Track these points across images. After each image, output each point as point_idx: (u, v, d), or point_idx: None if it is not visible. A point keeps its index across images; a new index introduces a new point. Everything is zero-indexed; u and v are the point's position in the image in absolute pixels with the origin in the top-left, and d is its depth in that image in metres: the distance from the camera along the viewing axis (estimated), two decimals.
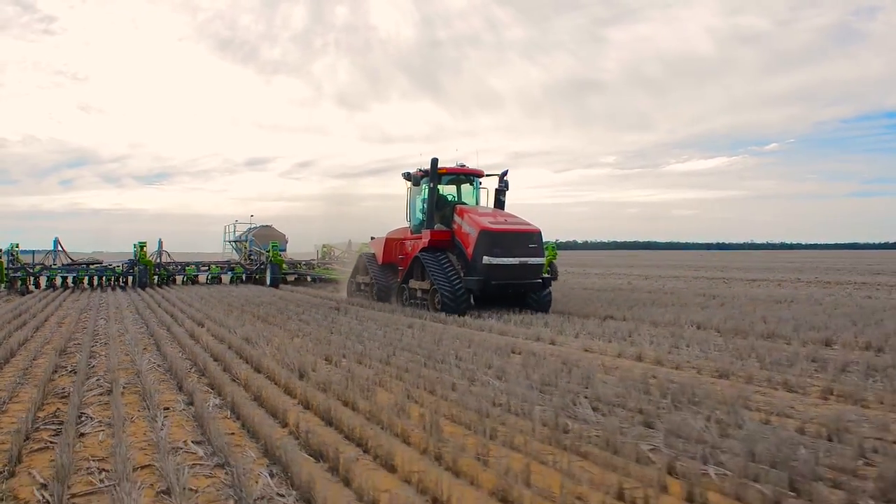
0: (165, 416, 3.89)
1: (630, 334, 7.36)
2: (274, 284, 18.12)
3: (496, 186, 12.34)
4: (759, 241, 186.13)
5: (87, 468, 3.00)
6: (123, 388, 4.67)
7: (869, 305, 10.89)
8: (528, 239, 10.47)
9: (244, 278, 19.66)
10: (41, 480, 2.82)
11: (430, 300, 10.67)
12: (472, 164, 12.31)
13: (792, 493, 2.64)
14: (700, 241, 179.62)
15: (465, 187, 12.37)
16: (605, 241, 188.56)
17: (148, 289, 16.30)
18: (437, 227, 11.25)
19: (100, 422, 3.79)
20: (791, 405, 4.16)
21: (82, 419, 3.85)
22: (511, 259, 10.14)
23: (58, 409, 4.10)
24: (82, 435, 3.55)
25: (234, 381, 4.99)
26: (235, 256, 29.46)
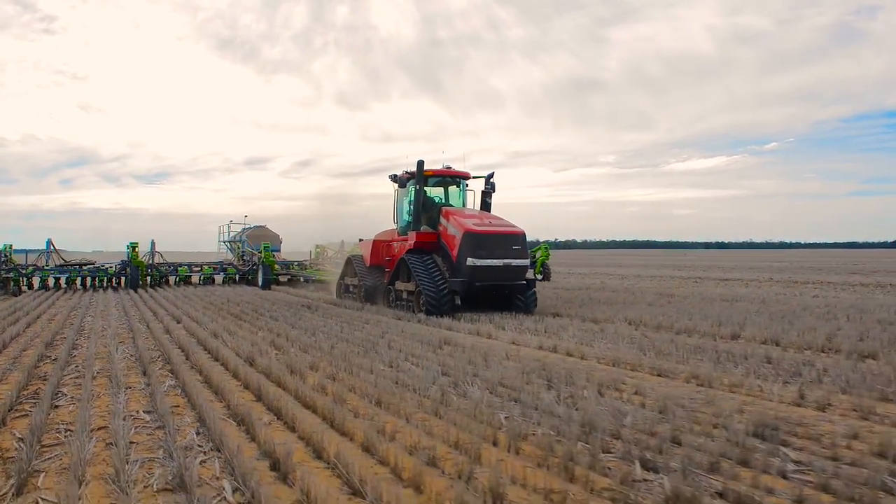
0: (126, 394, 4.74)
1: (560, 329, 8.19)
2: (265, 285, 18.14)
3: (482, 188, 12.45)
4: (758, 240, 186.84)
5: (56, 428, 3.85)
6: (97, 373, 5.52)
7: (809, 304, 11.68)
8: (512, 241, 10.56)
9: (237, 279, 19.81)
10: (19, 436, 3.66)
11: (416, 301, 10.74)
12: (459, 167, 12.44)
13: (588, 445, 3.47)
14: (699, 241, 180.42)
15: (453, 189, 12.49)
16: (605, 240, 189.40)
17: (139, 290, 16.87)
18: (424, 228, 11.34)
19: (72, 397, 4.63)
20: (652, 387, 4.98)
21: (58, 396, 4.70)
22: (495, 261, 10.26)
23: (38, 388, 4.94)
24: (56, 406, 4.40)
25: (193, 367, 5.84)
26: (230, 257, 29.97)
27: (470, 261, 10.17)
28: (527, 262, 10.93)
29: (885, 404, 4.42)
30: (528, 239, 11.06)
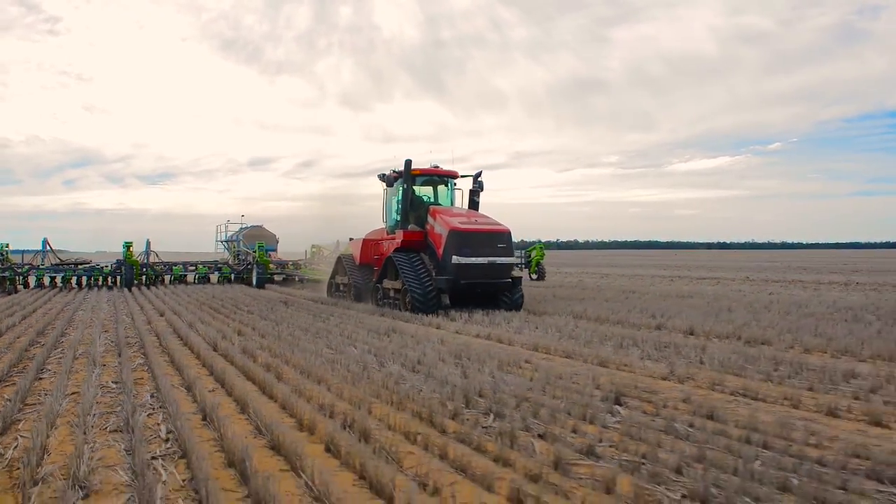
0: (101, 370, 5.62)
1: (504, 321, 9.04)
2: (260, 284, 18.28)
3: (470, 187, 12.57)
4: (759, 240, 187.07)
5: (38, 393, 4.73)
6: (79, 354, 6.40)
7: (755, 300, 12.47)
8: (497, 239, 10.68)
9: (232, 278, 20.02)
10: (7, 398, 4.54)
11: (402, 300, 10.87)
12: (448, 167, 12.56)
13: (458, 403, 4.32)
14: (701, 241, 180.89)
15: (441, 188, 12.61)
16: (606, 240, 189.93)
17: (133, 289, 17.34)
18: (411, 227, 11.43)
19: (54, 372, 5.51)
20: (551, 366, 5.83)
21: (42, 371, 5.58)
22: (480, 259, 10.38)
23: (26, 365, 5.82)
24: (40, 378, 5.28)
25: (163, 351, 6.72)
26: (228, 257, 30.65)
27: (455, 259, 10.27)
28: (512, 259, 11.09)
29: (736, 378, 5.25)
30: (526, 239, 11.68)
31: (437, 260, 10.72)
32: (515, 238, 11.70)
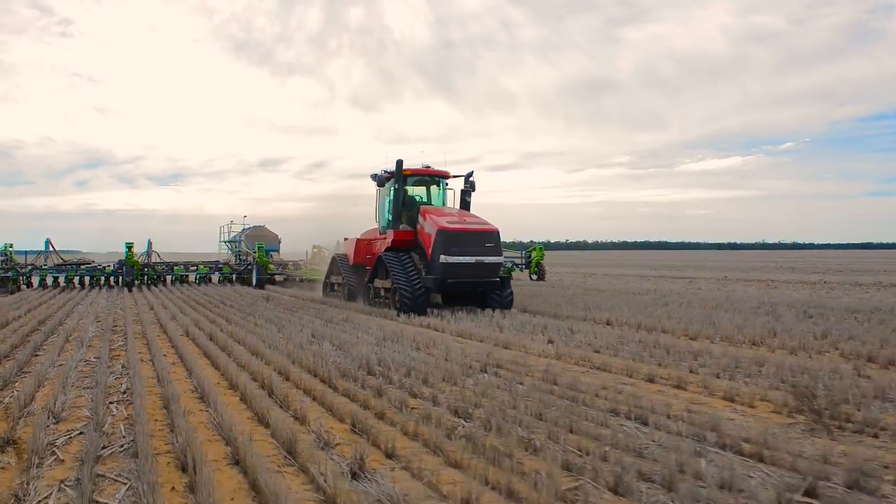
0: (87, 350, 6.84)
1: (450, 314, 10.18)
2: (259, 285, 18.43)
3: (462, 188, 12.74)
4: (770, 240, 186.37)
5: (33, 364, 5.96)
6: (71, 338, 7.64)
7: (699, 297, 13.49)
8: (485, 238, 10.82)
9: (234, 279, 20.12)
10: (8, 368, 5.76)
11: (392, 299, 11.02)
12: (440, 167, 12.71)
13: (368, 374, 5.48)
14: (711, 242, 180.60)
15: (434, 189, 12.76)
16: (616, 241, 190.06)
17: (133, 288, 17.77)
18: (403, 227, 11.63)
19: (48, 350, 6.75)
20: (460, 347, 6.96)
21: (38, 350, 6.82)
22: (467, 258, 10.54)
23: (26, 345, 7.07)
24: (36, 355, 6.52)
25: (143, 336, 7.94)
26: (231, 257, 31.70)
27: (443, 258, 10.43)
28: (500, 259, 11.16)
29: (602, 356, 6.35)
30: (535, 240, 12.36)
31: (426, 259, 10.88)
32: (524, 238, 12.62)
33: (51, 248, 20.12)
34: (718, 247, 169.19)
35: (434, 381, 5.10)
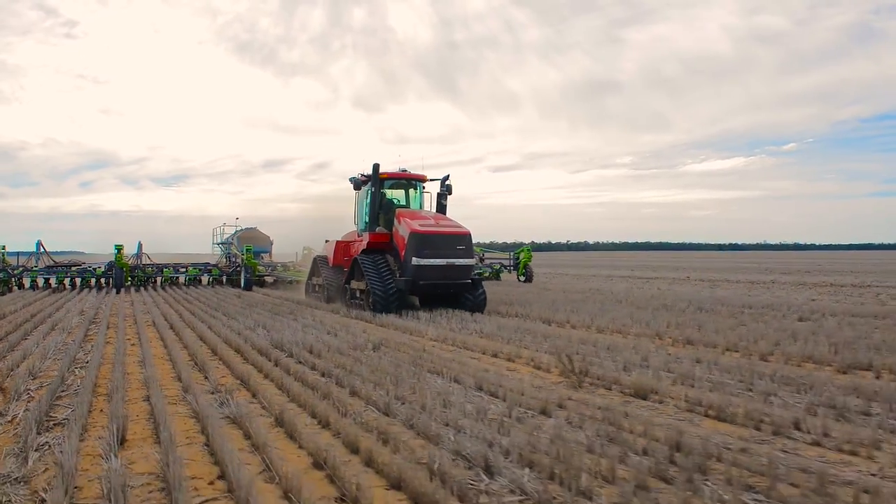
0: (68, 334, 8.49)
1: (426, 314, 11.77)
2: (247, 286, 18.77)
3: (438, 191, 13.05)
4: (772, 241, 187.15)
5: (22, 344, 7.60)
6: (56, 327, 9.29)
7: (644, 296, 15.00)
8: (456, 241, 11.15)
9: (224, 280, 20.56)
10: (1, 347, 7.40)
11: (366, 300, 11.42)
12: (420, 172, 13.15)
13: (280, 351, 7.09)
14: (713, 242, 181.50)
15: (411, 192, 13.21)
16: (617, 241, 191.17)
17: (121, 289, 18.12)
18: (379, 229, 12.02)
19: (35, 335, 8.39)
20: (378, 335, 8.55)
21: (27, 335, 8.47)
22: (438, 260, 10.89)
23: (18, 332, 8.72)
24: (25, 338, 8.17)
25: (114, 324, 9.58)
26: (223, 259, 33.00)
27: (415, 260, 10.81)
28: (472, 261, 11.54)
29: (496, 343, 7.93)
30: (527, 241, 12.92)
31: (400, 261, 11.32)
32: (524, 239, 13.20)
33: (42, 250, 20.67)
34: (720, 248, 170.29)
35: (325, 355, 6.71)
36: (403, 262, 11.12)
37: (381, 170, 12.34)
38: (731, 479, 3.02)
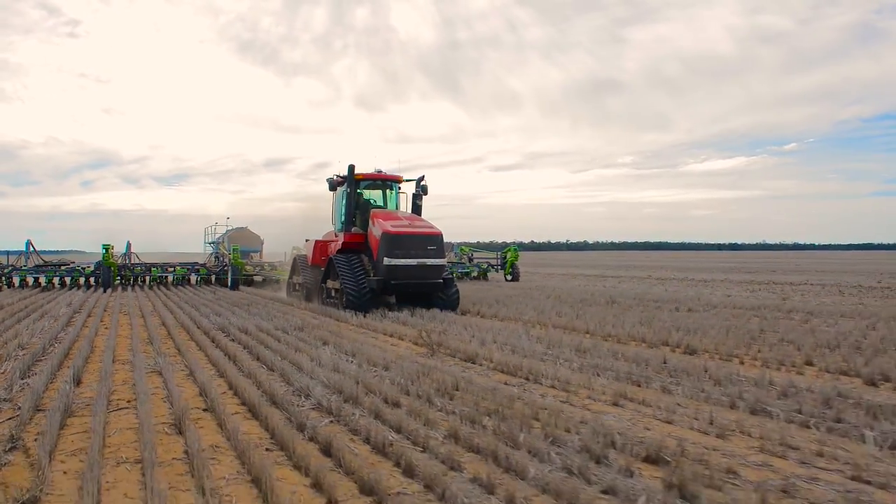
0: (54, 322, 10.29)
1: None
2: (234, 285, 19.19)
3: (413, 192, 13.31)
4: (771, 241, 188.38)
5: (15, 327, 9.41)
6: (47, 315, 11.09)
7: (590, 292, 16.74)
8: (428, 241, 11.39)
9: (213, 280, 20.92)
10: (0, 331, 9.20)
11: (340, 299, 11.69)
12: (395, 172, 13.44)
13: (226, 336, 8.88)
14: (712, 242, 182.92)
15: (388, 192, 13.52)
16: (616, 241, 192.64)
17: (108, 288, 18.56)
18: (355, 230, 12.27)
19: (27, 321, 10.19)
20: (307, 320, 10.32)
21: (21, 321, 10.28)
22: (409, 260, 11.14)
23: (13, 318, 10.52)
24: (19, 322, 9.98)
25: (95, 315, 11.39)
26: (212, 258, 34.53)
27: (386, 260, 11.06)
28: (443, 261, 11.76)
29: (404, 328, 9.69)
30: (527, 240, 13.54)
31: (373, 261, 11.61)
32: (524, 238, 13.66)
33: (32, 249, 20.99)
34: (719, 247, 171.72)
35: (255, 335, 8.49)
36: (376, 262, 11.41)
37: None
38: (476, 403, 4.77)
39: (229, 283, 19.42)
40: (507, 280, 23.79)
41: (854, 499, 2.93)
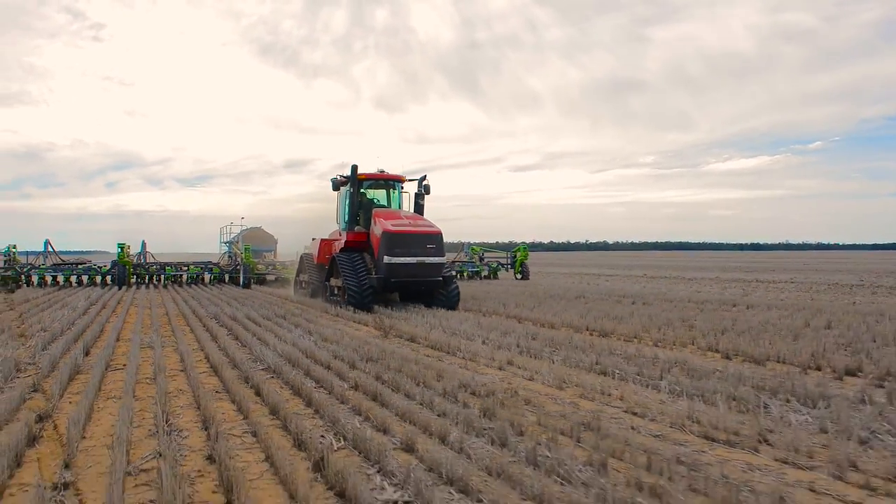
0: (73, 310, 11.86)
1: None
2: (246, 285, 19.86)
3: (415, 191, 13.71)
4: (794, 241, 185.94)
5: (39, 315, 10.99)
6: (66, 306, 12.69)
7: (573, 290, 17.94)
8: (427, 240, 11.70)
9: (227, 279, 21.63)
10: (25, 317, 10.77)
11: (342, 296, 12.08)
12: (402, 174, 13.81)
13: (215, 321, 10.34)
14: (733, 242, 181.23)
15: (393, 192, 13.95)
16: (636, 241, 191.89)
17: (123, 285, 19.50)
18: (358, 229, 12.70)
19: (51, 311, 11.77)
20: (289, 309, 11.74)
21: (44, 310, 11.88)
22: (409, 258, 11.45)
23: (36, 308, 12.12)
24: (42, 311, 11.57)
25: (109, 306, 12.95)
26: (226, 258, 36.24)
27: (386, 258, 11.42)
28: (442, 259, 12.03)
29: (367, 316, 11.06)
30: (546, 240, 13.86)
31: (375, 259, 11.97)
32: (544, 239, 14.02)
33: (50, 249, 21.97)
34: (740, 247, 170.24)
35: (241, 321, 9.91)
36: (377, 260, 11.79)
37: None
38: (388, 366, 6.09)
39: (241, 282, 20.14)
40: (516, 279, 24.36)
41: (616, 424, 4.20)
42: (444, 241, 12.04)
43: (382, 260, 11.47)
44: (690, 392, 4.91)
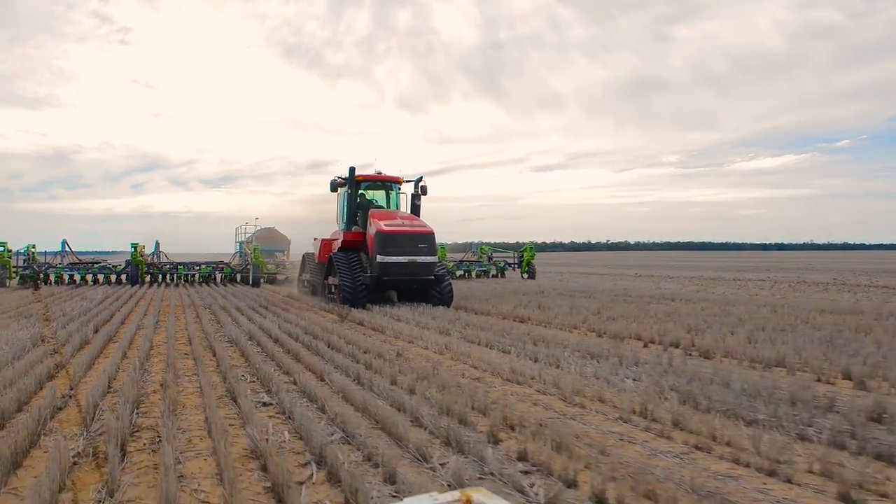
0: (91, 302, 13.97)
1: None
2: (255, 284, 20.55)
3: (412, 192, 14.07)
4: (819, 241, 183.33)
5: (62, 306, 13.10)
6: (84, 299, 14.82)
7: (567, 288, 19.58)
8: (419, 239, 12.04)
9: (238, 278, 22.36)
10: (51, 307, 12.88)
11: (337, 294, 12.55)
12: (397, 175, 14.37)
13: (205, 308, 12.32)
14: (757, 242, 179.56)
15: (391, 193, 14.47)
16: (658, 241, 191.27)
17: (136, 283, 20.64)
18: (355, 229, 13.14)
19: (71, 303, 13.89)
20: (271, 298, 13.66)
21: (66, 301, 14.01)
22: (401, 258, 11.81)
23: (60, 301, 14.26)
24: (65, 302, 13.70)
25: (119, 299, 15.04)
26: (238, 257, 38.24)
27: (379, 258, 11.82)
28: (434, 258, 12.34)
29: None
30: (567, 240, 14.58)
31: (369, 259, 12.38)
32: (563, 239, 14.52)
33: (67, 248, 22.99)
34: (764, 247, 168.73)
35: (228, 309, 11.85)
36: (371, 259, 12.24)
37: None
38: (334, 345, 7.92)
39: (250, 281, 20.94)
40: (523, 278, 25.01)
41: (452, 371, 5.96)
42: (456, 241, 13.28)
43: (376, 259, 11.91)
44: (534, 356, 6.63)
